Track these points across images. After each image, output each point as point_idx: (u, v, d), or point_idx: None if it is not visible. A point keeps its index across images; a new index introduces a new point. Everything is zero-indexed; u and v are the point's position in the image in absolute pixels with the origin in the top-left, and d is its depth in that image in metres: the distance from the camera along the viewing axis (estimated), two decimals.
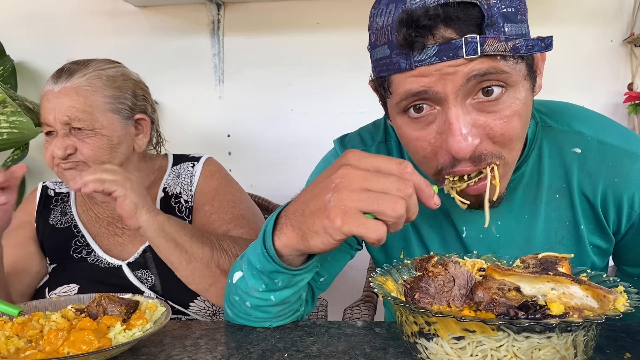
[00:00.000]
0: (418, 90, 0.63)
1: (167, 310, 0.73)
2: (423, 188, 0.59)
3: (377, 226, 0.56)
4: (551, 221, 0.78)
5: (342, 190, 0.58)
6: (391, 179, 0.57)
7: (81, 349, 0.61)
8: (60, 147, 1.01)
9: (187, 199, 1.13)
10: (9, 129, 1.64)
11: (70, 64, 1.08)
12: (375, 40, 0.67)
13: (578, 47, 1.70)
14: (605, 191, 0.76)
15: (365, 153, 0.60)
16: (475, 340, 0.53)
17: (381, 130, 0.90)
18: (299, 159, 1.84)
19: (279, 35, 1.83)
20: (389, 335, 0.69)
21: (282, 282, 0.68)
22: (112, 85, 1.06)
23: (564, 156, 0.77)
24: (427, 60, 0.61)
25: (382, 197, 0.56)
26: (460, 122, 0.62)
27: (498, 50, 0.59)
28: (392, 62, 0.64)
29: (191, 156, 1.21)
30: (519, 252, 0.77)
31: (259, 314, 0.73)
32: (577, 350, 0.54)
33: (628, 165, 0.75)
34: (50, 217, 1.15)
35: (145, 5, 1.85)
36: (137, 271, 1.05)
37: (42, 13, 1.92)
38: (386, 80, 0.67)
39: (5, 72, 1.82)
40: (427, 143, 0.67)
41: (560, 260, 0.61)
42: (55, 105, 1.01)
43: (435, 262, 0.62)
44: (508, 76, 0.62)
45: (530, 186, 0.78)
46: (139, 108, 1.11)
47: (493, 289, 0.56)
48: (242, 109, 1.89)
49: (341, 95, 1.82)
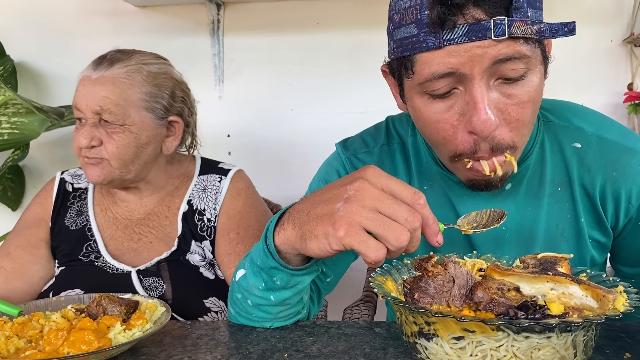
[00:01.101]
0: (445, 72, 0.64)
1: (167, 310, 0.73)
2: (430, 224, 0.59)
3: (378, 247, 0.56)
4: (553, 214, 0.80)
5: (353, 203, 0.57)
6: (402, 208, 0.57)
7: (81, 349, 0.61)
8: (86, 136, 0.98)
9: (211, 218, 1.08)
10: (9, 130, 1.64)
11: (114, 52, 1.05)
12: (400, 19, 0.68)
13: (578, 47, 1.70)
14: (604, 185, 0.78)
15: (384, 173, 0.60)
16: (475, 340, 0.53)
17: (383, 133, 0.91)
18: (299, 159, 1.84)
19: (279, 35, 1.83)
20: (389, 335, 0.69)
21: (280, 280, 0.68)
22: (152, 82, 1.03)
23: (565, 151, 0.79)
24: (457, 40, 0.62)
25: (389, 224, 0.56)
26: (485, 101, 0.64)
27: (525, 33, 0.61)
28: (419, 41, 0.65)
29: (219, 167, 1.16)
30: (524, 245, 0.80)
31: (260, 313, 0.73)
32: (577, 350, 0.54)
33: (626, 160, 0.77)
34: (66, 217, 1.10)
35: (145, 5, 1.85)
36: (147, 279, 1.00)
37: (42, 13, 1.91)
38: (410, 60, 0.68)
39: (6, 72, 1.81)
40: (449, 125, 0.68)
41: (559, 261, 0.62)
42: (89, 92, 0.98)
43: (435, 262, 0.62)
44: (529, 60, 0.64)
45: (534, 179, 0.80)
46: (174, 110, 1.07)
47: (492, 288, 0.56)
48: (242, 109, 1.89)
49: (341, 95, 1.82)
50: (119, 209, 1.11)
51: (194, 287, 1.02)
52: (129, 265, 1.02)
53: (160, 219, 1.10)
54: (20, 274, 1.02)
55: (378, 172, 0.60)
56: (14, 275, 1.01)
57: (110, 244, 1.07)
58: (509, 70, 0.64)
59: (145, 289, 0.99)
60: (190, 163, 1.17)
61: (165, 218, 1.10)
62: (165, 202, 1.12)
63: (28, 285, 1.02)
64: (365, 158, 0.90)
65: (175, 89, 1.08)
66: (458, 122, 0.68)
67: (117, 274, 1.01)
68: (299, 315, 0.76)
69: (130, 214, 1.10)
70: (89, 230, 1.08)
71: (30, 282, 1.02)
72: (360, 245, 0.56)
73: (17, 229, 1.09)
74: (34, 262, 1.04)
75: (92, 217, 1.09)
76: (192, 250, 1.06)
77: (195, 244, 1.07)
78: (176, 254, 1.04)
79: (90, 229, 1.08)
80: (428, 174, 0.86)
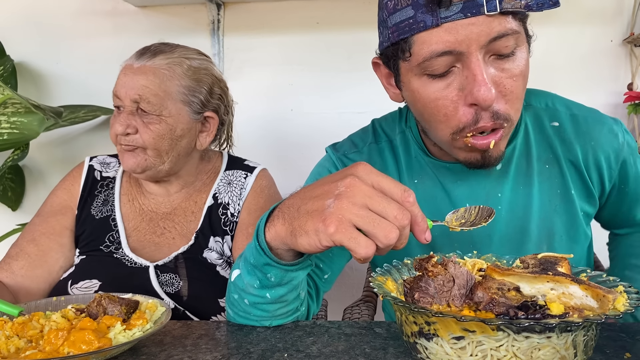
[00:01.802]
0: (444, 50, 0.69)
1: (167, 310, 0.73)
2: (419, 221, 0.60)
3: (368, 243, 0.57)
4: (544, 191, 0.86)
5: (344, 200, 0.58)
6: (392, 205, 0.58)
7: (81, 349, 0.61)
8: (122, 123, 0.99)
9: (234, 212, 1.10)
10: (9, 130, 1.64)
11: (158, 44, 1.06)
12: (395, 4, 0.72)
13: (577, 47, 1.70)
14: (586, 155, 0.85)
15: (374, 170, 0.61)
16: (475, 340, 0.53)
17: (370, 133, 0.96)
18: (298, 159, 1.84)
19: (279, 35, 1.83)
20: (389, 335, 0.69)
21: (274, 277, 0.68)
22: (192, 76, 1.04)
23: (546, 130, 0.87)
24: (453, 17, 0.67)
25: (379, 222, 0.57)
26: (484, 74, 0.68)
27: (514, 7, 0.67)
28: (417, 21, 0.69)
29: (246, 164, 1.18)
30: (519, 223, 0.86)
31: (258, 312, 0.73)
32: (577, 350, 0.54)
33: (598, 130, 0.85)
34: (92, 206, 1.10)
35: (145, 5, 1.85)
36: (164, 274, 1.00)
37: (42, 13, 1.91)
38: (407, 42, 0.72)
39: (6, 72, 1.81)
40: (449, 101, 0.72)
41: (560, 260, 0.62)
42: (129, 80, 0.99)
43: (435, 262, 0.62)
44: (518, 36, 0.70)
45: (522, 159, 0.86)
46: (211, 105, 1.09)
47: (492, 288, 0.56)
48: (242, 109, 1.89)
49: (341, 95, 1.82)
50: (146, 200, 1.12)
51: (210, 285, 1.02)
52: (147, 260, 1.02)
53: (186, 214, 1.11)
54: (42, 261, 1.03)
55: (369, 168, 0.61)
56: (37, 262, 1.02)
57: (132, 235, 1.07)
58: (502, 47, 0.69)
59: (161, 285, 0.99)
60: (218, 159, 1.19)
61: (191, 214, 1.11)
62: (193, 198, 1.13)
63: (48, 273, 1.03)
64: (355, 157, 0.93)
65: (213, 85, 1.09)
66: (457, 97, 0.72)
67: (135, 267, 1.01)
68: (297, 312, 0.77)
69: (157, 207, 1.11)
70: (113, 220, 1.08)
71: (51, 270, 1.03)
72: (350, 242, 0.56)
73: (43, 214, 1.09)
74: (57, 250, 1.05)
75: (117, 207, 1.10)
76: (210, 247, 1.06)
77: (214, 240, 1.07)
78: (194, 250, 1.05)
79: (114, 219, 1.08)
80: (417, 168, 0.90)
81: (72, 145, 1.96)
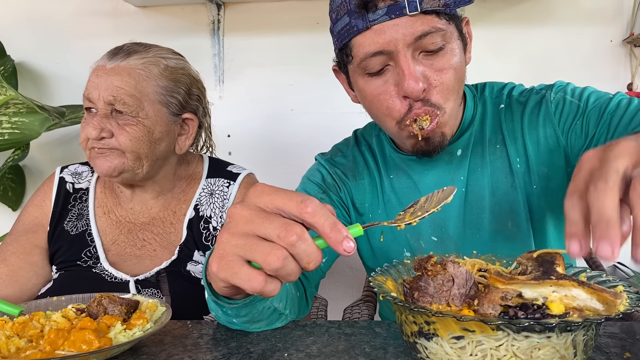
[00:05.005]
0: (376, 50, 0.77)
1: (167, 310, 0.73)
2: (327, 232, 0.48)
3: (250, 276, 0.49)
4: (495, 170, 0.91)
5: (224, 233, 0.51)
6: (275, 224, 0.48)
7: (81, 349, 0.61)
8: (96, 126, 0.93)
9: (217, 227, 1.04)
10: (10, 130, 1.64)
11: (131, 43, 1.01)
12: (337, 15, 0.81)
13: (577, 47, 1.70)
14: (530, 128, 0.89)
15: (269, 188, 0.52)
16: (475, 340, 0.53)
17: (352, 140, 1.05)
18: (298, 159, 1.84)
19: (279, 35, 1.84)
20: (389, 335, 0.69)
21: (230, 311, 0.65)
22: (169, 76, 1.00)
23: (496, 114, 0.94)
24: (380, 19, 0.75)
25: (256, 245, 0.48)
26: (411, 69, 0.76)
27: (433, 7, 0.74)
28: (352, 27, 0.78)
29: (229, 170, 1.11)
30: (477, 203, 0.91)
31: (237, 326, 0.71)
32: (577, 349, 0.54)
33: (534, 100, 0.91)
34: (65, 221, 1.05)
35: (145, 5, 1.85)
36: (145, 289, 0.96)
37: (42, 13, 1.92)
38: (347, 47, 0.81)
39: (6, 72, 1.82)
40: (387, 95, 0.80)
41: (555, 258, 0.61)
42: (103, 82, 0.94)
43: (435, 261, 0.62)
44: (444, 33, 0.77)
45: (477, 144, 0.93)
46: (190, 107, 1.04)
47: (497, 299, 0.56)
48: (242, 109, 1.89)
49: (341, 95, 1.81)
50: (123, 211, 1.07)
51: (193, 301, 0.97)
52: (127, 274, 0.98)
53: (165, 225, 1.06)
54: (13, 281, 0.99)
55: (260, 190, 0.52)
56: (7, 282, 0.99)
57: (111, 249, 1.03)
58: (429, 44, 0.76)
59: None
60: (198, 164, 1.13)
61: (170, 225, 1.06)
62: (171, 207, 1.08)
63: (20, 292, 1.00)
64: (341, 160, 1.01)
65: (191, 86, 1.05)
66: (394, 91, 0.79)
67: (115, 282, 0.97)
68: (282, 317, 0.73)
69: (134, 218, 1.06)
70: (89, 235, 1.04)
71: (23, 289, 1.00)
72: (233, 278, 0.49)
73: (14, 232, 1.06)
74: (27, 269, 1.01)
75: (92, 221, 1.05)
76: (195, 260, 1.02)
77: (199, 254, 1.03)
78: (177, 263, 1.01)
79: (90, 233, 1.04)
80: (392, 165, 0.98)
81: (72, 145, 1.96)
